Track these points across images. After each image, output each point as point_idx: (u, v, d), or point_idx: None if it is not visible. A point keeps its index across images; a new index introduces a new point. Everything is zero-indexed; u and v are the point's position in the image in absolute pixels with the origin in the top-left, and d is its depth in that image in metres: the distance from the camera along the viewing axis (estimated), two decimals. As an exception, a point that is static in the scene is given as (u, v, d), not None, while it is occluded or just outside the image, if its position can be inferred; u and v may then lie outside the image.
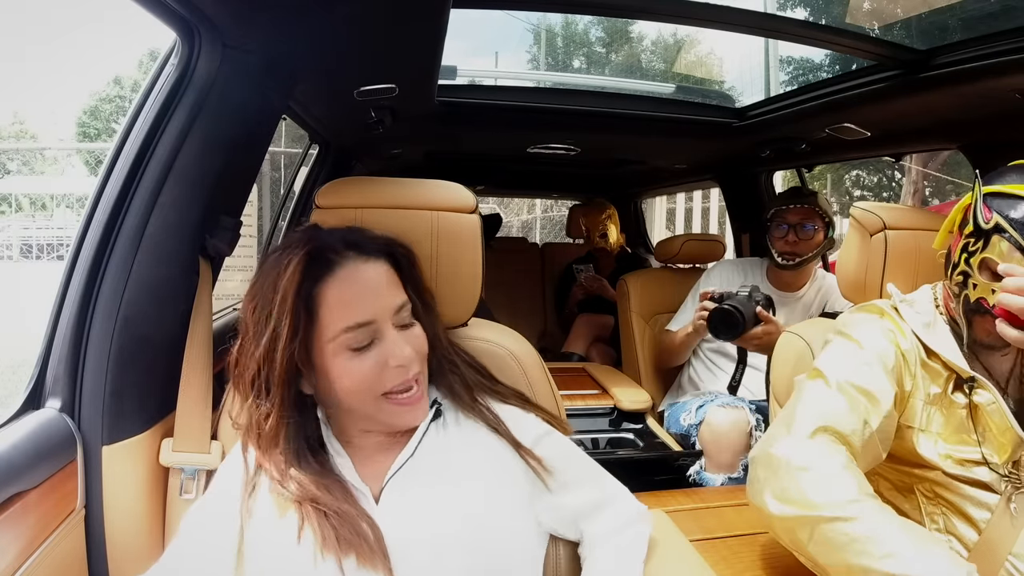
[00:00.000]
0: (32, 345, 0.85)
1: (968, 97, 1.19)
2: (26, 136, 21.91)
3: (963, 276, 0.84)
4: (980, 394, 0.83)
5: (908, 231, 1.08)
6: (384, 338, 0.65)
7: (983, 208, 0.81)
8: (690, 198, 10.88)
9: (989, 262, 0.80)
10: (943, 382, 0.86)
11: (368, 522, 0.63)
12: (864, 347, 0.88)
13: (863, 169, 12.35)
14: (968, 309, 0.84)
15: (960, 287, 0.85)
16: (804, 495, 0.75)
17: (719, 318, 1.50)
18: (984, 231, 0.80)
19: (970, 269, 0.82)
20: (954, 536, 0.84)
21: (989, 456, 0.83)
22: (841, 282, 1.15)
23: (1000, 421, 0.82)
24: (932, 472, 0.85)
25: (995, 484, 0.83)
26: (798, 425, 0.82)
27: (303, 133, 1.73)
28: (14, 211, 14.65)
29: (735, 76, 8.96)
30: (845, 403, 0.83)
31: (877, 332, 0.90)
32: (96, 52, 45.64)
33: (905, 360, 0.87)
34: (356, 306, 0.63)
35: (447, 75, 1.54)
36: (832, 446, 0.80)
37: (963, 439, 0.84)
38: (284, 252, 0.65)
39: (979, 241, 0.81)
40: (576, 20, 13.68)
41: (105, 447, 0.82)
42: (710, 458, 1.56)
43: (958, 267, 0.85)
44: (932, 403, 0.86)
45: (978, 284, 0.81)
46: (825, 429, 0.81)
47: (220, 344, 0.97)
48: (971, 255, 0.82)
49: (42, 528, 0.72)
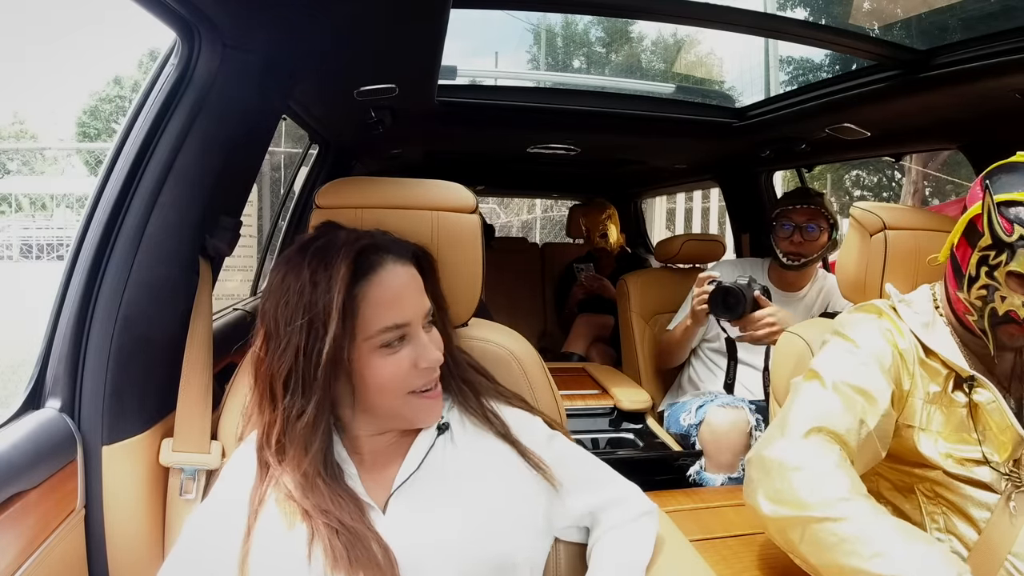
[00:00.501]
0: (31, 345, 0.85)
1: (968, 97, 1.19)
2: (26, 136, 21.91)
3: (987, 289, 0.82)
4: (980, 393, 0.83)
5: (908, 231, 1.08)
6: (415, 339, 0.66)
7: (1001, 220, 0.79)
8: (690, 198, 10.88)
9: (1018, 274, 0.78)
10: (942, 381, 0.86)
11: (378, 542, 0.62)
12: (860, 347, 0.88)
13: (863, 169, 12.35)
14: (995, 322, 0.83)
15: (983, 300, 0.83)
16: (795, 495, 0.75)
17: (720, 297, 1.50)
18: (1007, 243, 0.79)
19: (995, 283, 0.81)
20: (955, 536, 0.84)
21: (990, 455, 0.83)
22: (841, 282, 1.15)
23: (1000, 420, 0.82)
24: (932, 472, 0.85)
25: (995, 484, 0.83)
26: (792, 426, 0.82)
27: (303, 133, 1.73)
28: (14, 211, 14.66)
29: (735, 76, 8.96)
30: (840, 403, 0.83)
31: (874, 332, 0.90)
32: (96, 52, 45.63)
33: (903, 359, 0.87)
34: (395, 307, 0.65)
35: (447, 75, 1.54)
36: (826, 446, 0.80)
37: (963, 438, 0.84)
38: (322, 252, 0.64)
39: (1002, 254, 0.80)
40: (576, 20, 13.67)
41: (105, 447, 0.82)
42: (710, 458, 1.56)
43: (978, 280, 0.83)
44: (932, 402, 0.86)
45: (1008, 297, 0.80)
46: (819, 429, 0.81)
47: (220, 344, 0.97)
48: (993, 268, 0.81)
49: (42, 528, 0.72)
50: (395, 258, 0.67)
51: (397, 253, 0.68)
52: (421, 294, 0.69)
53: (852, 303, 1.11)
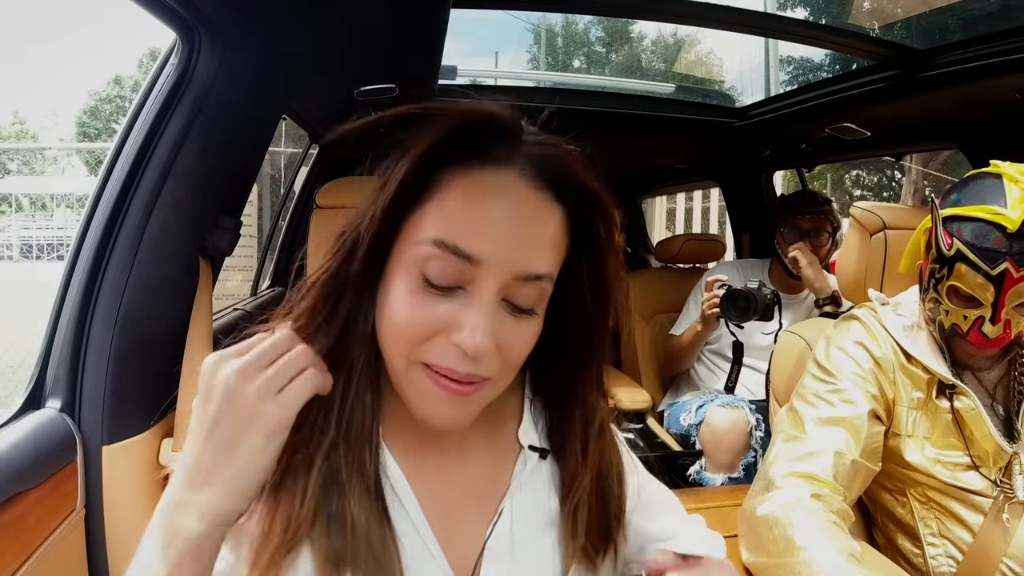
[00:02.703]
0: (30, 346, 0.85)
1: (968, 97, 1.19)
2: (26, 136, 21.92)
3: (935, 303, 0.84)
4: (961, 400, 0.83)
5: (908, 231, 1.08)
6: (472, 300, 0.42)
7: (943, 234, 0.80)
8: (690, 198, 10.88)
9: (959, 291, 0.80)
10: (925, 386, 0.86)
11: None
12: (836, 374, 0.88)
13: (863, 169, 12.35)
14: (944, 335, 0.84)
15: (933, 313, 0.85)
16: (764, 546, 0.75)
17: (731, 300, 1.52)
18: (947, 258, 0.80)
19: (939, 296, 0.83)
20: (949, 540, 0.84)
21: (977, 461, 0.82)
22: (841, 282, 1.15)
23: (979, 429, 0.82)
24: (924, 477, 0.85)
25: (986, 490, 0.82)
26: (771, 477, 0.82)
27: (303, 133, 1.73)
28: (14, 211, 14.65)
29: (735, 76, 8.95)
30: (818, 442, 0.83)
31: (848, 346, 0.90)
32: (96, 52, 45.65)
33: (881, 368, 0.87)
34: (473, 226, 0.42)
35: (447, 75, 1.54)
36: (802, 489, 0.79)
37: (951, 443, 0.84)
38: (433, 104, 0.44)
39: (943, 268, 0.81)
40: (576, 20, 13.69)
41: (105, 447, 0.82)
42: (710, 458, 1.56)
43: (928, 292, 0.85)
44: (916, 408, 0.86)
45: (950, 311, 0.81)
46: (796, 475, 0.81)
47: (220, 344, 0.97)
48: (938, 282, 0.82)
49: (42, 528, 0.72)
50: (530, 179, 0.43)
51: (538, 177, 0.44)
52: (538, 249, 0.43)
53: (852, 303, 1.11)
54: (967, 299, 0.79)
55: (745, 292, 1.50)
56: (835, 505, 0.77)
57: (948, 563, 0.84)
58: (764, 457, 0.89)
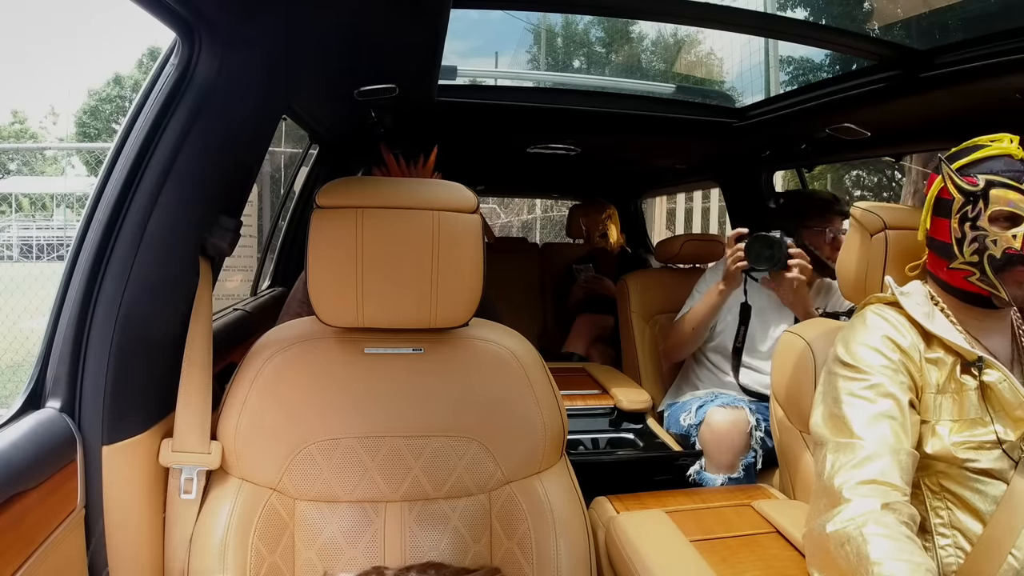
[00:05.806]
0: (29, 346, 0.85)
1: (968, 97, 1.20)
2: (26, 136, 21.91)
3: (977, 241, 0.86)
4: (989, 374, 0.84)
5: (908, 231, 1.08)
6: None
7: (964, 179, 0.87)
8: (690, 198, 10.87)
9: (1000, 213, 0.84)
10: (948, 369, 0.87)
11: None
12: (867, 369, 0.87)
13: (863, 169, 12.34)
14: (997, 268, 0.85)
15: (979, 253, 0.86)
16: (836, 564, 0.74)
17: (756, 246, 1.51)
18: (978, 193, 0.85)
19: (982, 231, 0.85)
20: (959, 531, 0.85)
21: (1003, 435, 0.83)
22: (841, 282, 1.15)
23: (1013, 397, 0.83)
24: (940, 463, 0.85)
25: (1004, 473, 0.83)
26: (835, 491, 0.80)
27: (303, 133, 1.73)
28: (14, 211, 14.64)
29: (735, 76, 8.93)
30: (872, 444, 0.81)
31: (873, 340, 0.90)
32: (96, 52, 45.65)
33: (908, 356, 0.88)
34: None
35: (447, 75, 1.54)
36: (870, 501, 0.77)
37: (974, 422, 0.85)
38: None
39: (977, 204, 0.86)
40: (576, 20, 13.67)
41: (105, 447, 0.82)
42: (710, 458, 1.56)
43: (966, 238, 0.88)
44: (940, 392, 0.87)
45: (998, 239, 0.84)
46: (861, 483, 0.79)
47: (220, 344, 0.97)
48: (975, 219, 0.86)
49: (42, 528, 0.71)
50: None
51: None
52: None
53: (853, 303, 1.11)
54: (1010, 218, 0.84)
55: (770, 237, 1.50)
56: (905, 512, 0.77)
57: (956, 554, 0.84)
58: (816, 472, 0.87)
